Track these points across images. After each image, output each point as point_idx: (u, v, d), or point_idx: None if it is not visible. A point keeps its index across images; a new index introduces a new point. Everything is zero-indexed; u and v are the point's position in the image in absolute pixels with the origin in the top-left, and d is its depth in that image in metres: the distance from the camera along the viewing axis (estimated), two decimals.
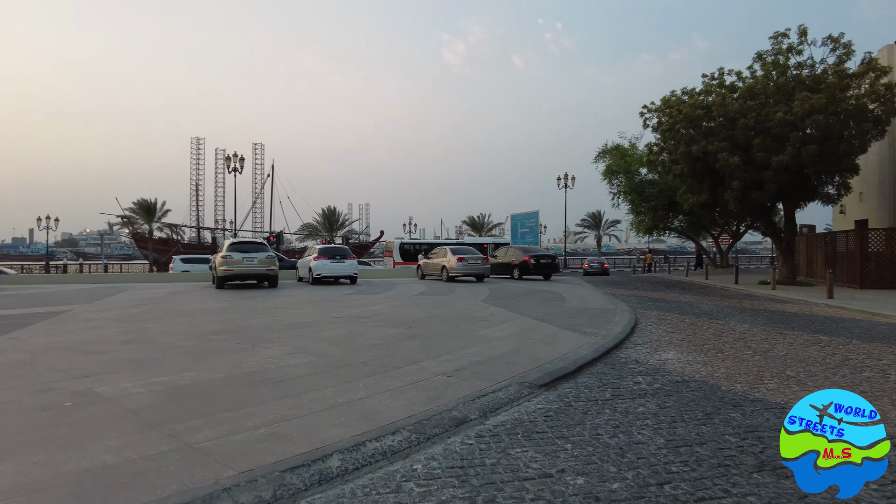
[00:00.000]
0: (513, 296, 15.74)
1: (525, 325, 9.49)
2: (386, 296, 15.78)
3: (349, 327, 9.17)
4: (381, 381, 5.38)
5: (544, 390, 5.39)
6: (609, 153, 34.82)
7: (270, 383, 5.29)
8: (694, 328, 10.05)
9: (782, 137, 17.32)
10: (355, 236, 78.70)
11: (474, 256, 23.59)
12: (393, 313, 11.33)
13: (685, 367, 6.63)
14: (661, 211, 32.58)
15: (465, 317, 10.70)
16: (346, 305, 12.93)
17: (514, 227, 42.72)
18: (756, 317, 11.74)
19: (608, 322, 10.16)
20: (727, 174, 18.25)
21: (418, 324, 9.63)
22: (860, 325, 10.44)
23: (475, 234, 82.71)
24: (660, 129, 21.55)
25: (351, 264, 22.04)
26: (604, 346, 7.52)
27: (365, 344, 7.50)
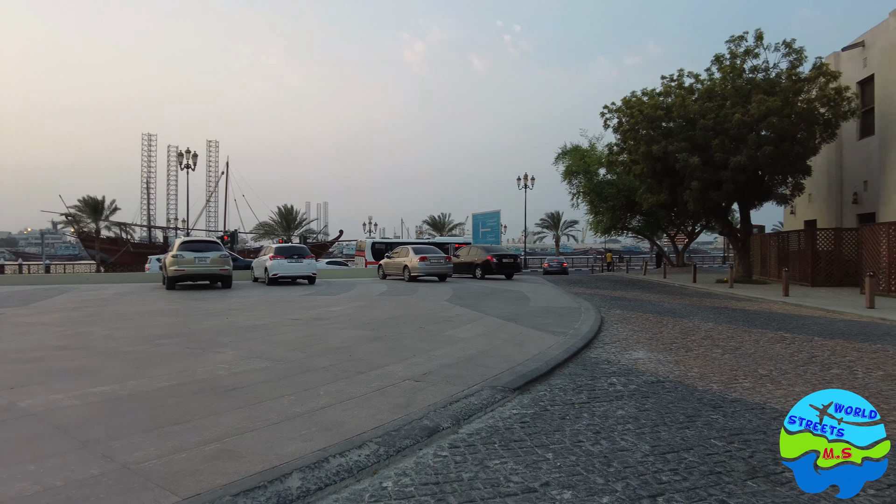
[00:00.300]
0: (477, 295, 15.51)
1: (492, 325, 9.24)
2: (346, 296, 15.31)
3: (308, 329, 8.72)
4: (344, 387, 5.00)
5: (518, 394, 5.12)
6: (569, 154, 35.13)
7: (222, 392, 4.84)
8: (660, 326, 10.01)
9: (740, 138, 17.70)
10: (313, 235, 77.23)
11: (437, 256, 23.30)
12: (354, 314, 10.90)
13: (657, 366, 6.49)
14: (619, 211, 33.04)
15: (429, 317, 10.38)
16: (304, 306, 12.41)
17: (475, 226, 42.58)
18: (719, 315, 11.84)
19: (575, 321, 10.02)
20: (687, 174, 18.54)
21: (382, 325, 9.25)
22: (818, 321, 10.63)
23: (436, 233, 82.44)
24: (620, 130, 21.75)
25: (309, 264, 21.40)
26: (574, 346, 7.33)
27: (325, 347, 7.08)
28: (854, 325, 10.15)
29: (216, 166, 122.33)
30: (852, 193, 20.59)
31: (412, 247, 24.53)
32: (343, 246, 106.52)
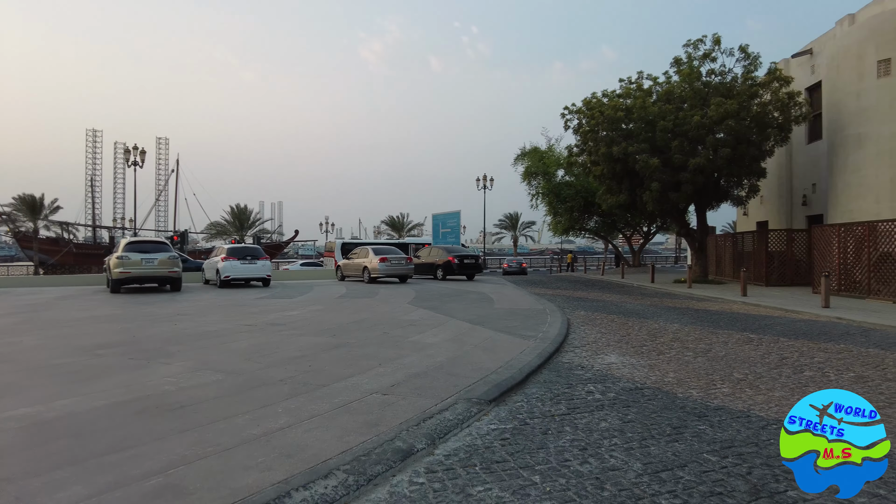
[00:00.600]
0: (440, 297, 15.17)
1: (459, 330, 8.91)
2: (303, 299, 14.70)
3: (264, 337, 8.17)
4: (305, 403, 4.56)
5: (494, 406, 4.80)
6: (528, 155, 35.24)
7: (169, 411, 4.33)
8: (626, 328, 9.90)
9: (698, 140, 17.98)
10: (267, 236, 75.15)
11: (398, 257, 22.86)
12: (313, 319, 10.38)
13: (632, 371, 6.29)
14: (577, 212, 33.33)
15: (393, 321, 9.96)
16: (259, 311, 11.79)
17: (435, 227, 42.18)
18: (683, 315, 11.86)
19: (541, 323, 9.80)
20: (646, 175, 18.71)
21: (342, 331, 8.79)
22: (779, 322, 10.75)
23: (395, 234, 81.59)
24: (581, 131, 21.82)
25: (263, 265, 20.61)
26: (546, 351, 7.07)
27: (283, 357, 6.59)
28: (814, 324, 10.30)
29: (166, 164, 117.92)
30: (802, 196, 21.26)
31: (372, 247, 24.01)
32: (298, 246, 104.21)
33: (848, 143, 16.67)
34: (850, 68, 16.67)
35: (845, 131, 16.79)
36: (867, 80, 16.16)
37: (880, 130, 15.88)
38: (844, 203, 16.82)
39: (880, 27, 15.98)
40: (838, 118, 17.12)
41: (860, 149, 16.30)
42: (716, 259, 24.50)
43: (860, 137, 16.30)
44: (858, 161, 16.35)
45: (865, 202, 16.15)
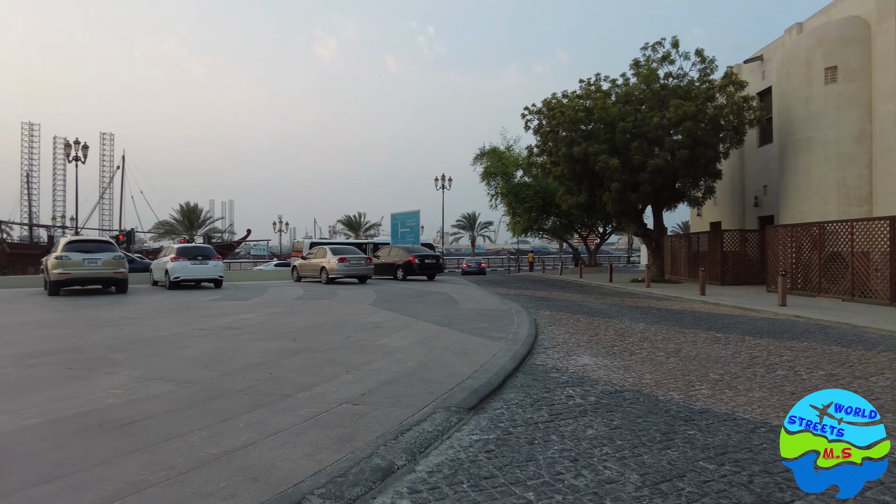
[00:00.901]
0: (402, 298, 14.81)
1: (426, 332, 8.59)
2: (259, 301, 14.07)
3: (218, 342, 7.64)
4: (268, 416, 4.15)
5: (473, 414, 4.52)
6: (487, 155, 35.22)
7: (114, 429, 3.85)
8: (594, 328, 9.81)
9: (657, 142, 18.26)
10: (218, 235, 72.79)
11: (357, 257, 22.34)
12: (270, 322, 9.86)
13: (608, 373, 6.13)
14: (536, 212, 33.53)
15: (356, 324, 9.56)
16: (212, 314, 11.15)
17: (394, 226, 41.63)
18: (646, 315, 11.90)
19: (510, 324, 9.60)
20: (606, 176, 18.86)
21: (303, 335, 8.33)
22: (741, 320, 10.89)
23: (352, 233, 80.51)
24: (541, 132, 21.85)
25: (215, 266, 19.75)
26: (519, 353, 6.85)
27: (241, 364, 6.12)
28: (775, 323, 10.47)
29: (111, 160, 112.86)
30: (753, 197, 21.92)
31: (330, 247, 23.41)
32: (250, 246, 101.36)
33: (798, 147, 17.23)
34: (799, 75, 17.23)
35: (795, 135, 17.36)
36: (815, 87, 16.74)
37: (828, 135, 16.47)
38: (795, 204, 17.37)
39: (827, 36, 16.57)
40: (789, 122, 17.68)
41: (809, 152, 16.87)
42: (671, 259, 25.04)
43: (809, 141, 16.87)
44: (808, 164, 16.91)
45: (814, 203, 16.72)
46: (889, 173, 15.15)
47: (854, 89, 16.13)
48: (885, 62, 15.28)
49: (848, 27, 16.34)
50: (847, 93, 16.20)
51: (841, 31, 16.39)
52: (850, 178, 16.13)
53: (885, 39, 15.28)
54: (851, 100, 16.15)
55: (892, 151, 15.04)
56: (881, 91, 15.40)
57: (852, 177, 16.11)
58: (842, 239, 13.83)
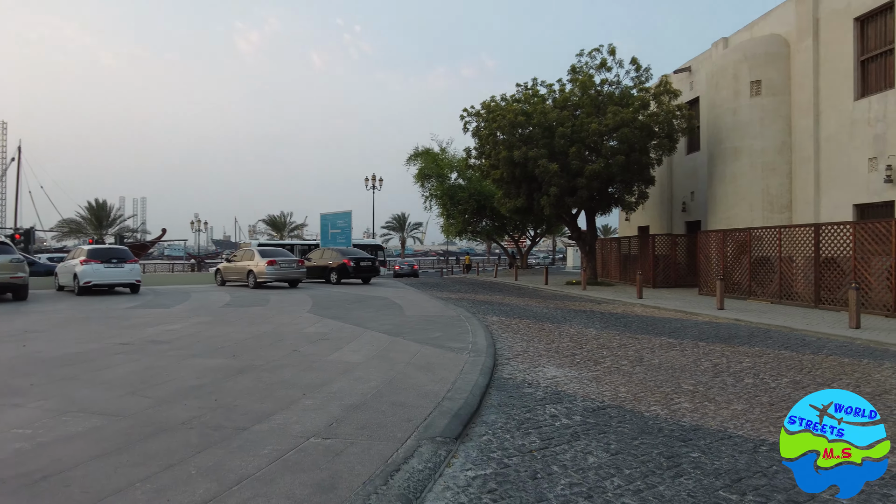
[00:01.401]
0: (342, 304, 14.07)
1: (380, 343, 8.01)
2: (184, 309, 12.89)
3: (146, 359, 6.72)
4: (225, 458, 3.48)
5: (460, 443, 4.04)
6: (421, 156, 34.73)
7: (24, 487, 3.06)
8: (547, 335, 9.59)
9: (595, 147, 18.53)
10: (131, 234, 67.86)
11: (287, 259, 21.21)
12: (202, 334, 8.92)
13: (582, 387, 5.84)
14: (470, 215, 33.46)
15: (299, 335, 8.82)
16: (133, 325, 10.00)
17: (323, 227, 40.26)
18: (593, 319, 11.86)
19: (464, 332, 9.20)
20: (545, 180, 18.92)
21: (243, 349, 7.52)
22: (687, 324, 11.04)
23: (275, 234, 77.58)
24: (480, 134, 21.66)
25: (132, 269, 18.13)
26: (486, 366, 6.44)
27: (178, 387, 5.32)
28: (719, 327, 10.68)
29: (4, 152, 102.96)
30: (682, 203, 22.80)
31: (258, 249, 22.14)
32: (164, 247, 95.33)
33: (726, 155, 18.01)
34: (727, 86, 18.02)
35: (723, 144, 18.13)
36: (742, 99, 17.55)
37: (753, 145, 17.30)
38: (723, 210, 18.14)
39: (752, 51, 17.42)
40: (717, 131, 18.45)
41: (736, 160, 17.66)
42: (601, 262, 25.64)
43: (736, 150, 17.66)
44: (735, 172, 17.71)
45: (741, 210, 17.51)
46: (806, 182, 16.09)
47: (776, 103, 17.04)
48: (803, 79, 16.23)
49: (770, 44, 17.25)
50: (770, 106, 17.09)
51: (764, 47, 17.27)
52: (773, 186, 17.02)
53: (803, 58, 16.23)
54: (774, 112, 17.05)
55: (808, 162, 15.98)
56: (800, 106, 16.34)
57: (775, 185, 17.01)
58: (770, 244, 14.50)
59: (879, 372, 6.65)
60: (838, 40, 15.21)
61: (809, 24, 15.95)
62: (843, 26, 15.11)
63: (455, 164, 33.72)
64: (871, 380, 6.23)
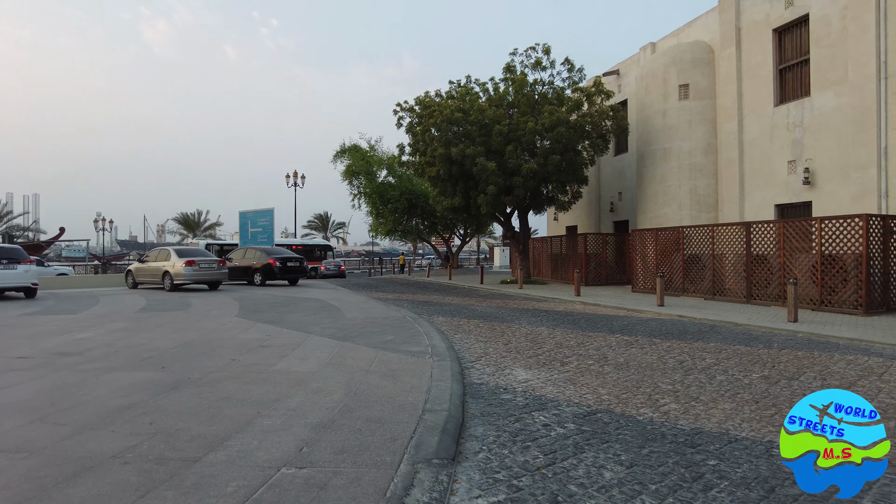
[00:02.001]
0: (272, 307, 13.07)
1: (329, 349, 7.30)
2: (94, 315, 11.47)
3: (55, 375, 5.67)
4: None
5: (457, 465, 3.51)
6: (349, 153, 33.58)
7: None
8: (500, 334, 9.22)
9: (531, 146, 18.48)
10: (22, 233, 61.52)
11: (207, 259, 19.69)
12: (120, 344, 7.81)
13: (561, 390, 5.48)
14: (400, 214, 32.78)
15: (235, 343, 7.92)
16: (33, 334, 8.66)
17: (243, 225, 38.04)
18: (541, 318, 11.64)
19: (417, 335, 8.65)
20: (482, 179, 18.67)
21: (172, 360, 6.58)
22: (634, 321, 11.03)
23: (188, 233, 73.19)
24: (415, 130, 21.12)
25: (26, 271, 16.17)
26: (455, 371, 5.95)
27: (99, 409, 4.42)
28: (665, 323, 10.75)
29: None
30: (609, 203, 23.37)
31: (174, 249, 20.41)
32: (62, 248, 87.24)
33: (655, 156, 18.55)
34: (657, 89, 18.57)
35: (653, 145, 18.67)
36: (671, 101, 18.14)
37: (681, 146, 17.92)
38: (652, 209, 18.67)
39: (681, 56, 18.05)
40: (647, 133, 18.99)
41: (665, 162, 18.23)
42: (533, 261, 25.84)
43: (665, 152, 18.23)
44: (664, 172, 18.27)
45: (670, 209, 18.09)
46: (731, 183, 16.83)
47: (702, 106, 17.74)
48: (727, 85, 16.98)
49: (697, 50, 17.95)
50: (697, 109, 17.77)
51: (692, 53, 17.94)
52: (700, 186, 17.70)
53: (727, 65, 16.97)
54: (700, 115, 17.74)
55: (733, 164, 16.73)
56: (725, 109, 17.08)
57: (702, 185, 17.69)
58: (701, 242, 14.99)
59: (835, 364, 6.78)
60: (758, 49, 16.01)
61: (732, 33, 16.69)
62: (763, 36, 15.91)
63: (385, 161, 32.95)
64: (832, 372, 6.30)
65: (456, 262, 37.50)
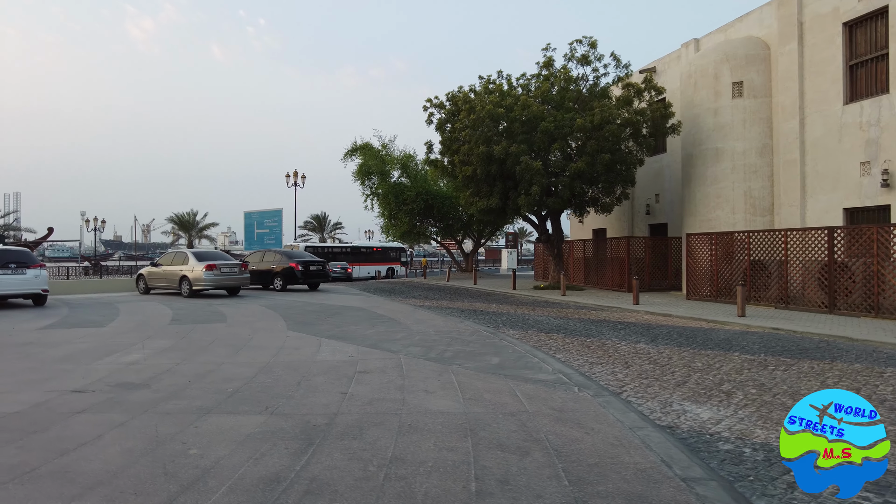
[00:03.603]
0: (319, 317, 11.92)
1: (444, 377, 6.17)
2: (122, 328, 10.25)
3: (137, 422, 4.49)
4: None
5: None
6: (362, 151, 32.25)
7: None
8: (605, 354, 8.13)
9: (579, 145, 17.40)
10: (9, 233, 59.33)
11: (229, 264, 18.47)
12: (184, 370, 6.62)
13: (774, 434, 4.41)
14: (417, 215, 31.57)
15: (321, 367, 6.77)
16: (68, 355, 7.43)
17: (248, 226, 36.84)
18: (623, 331, 10.54)
19: (521, 356, 7.57)
20: (526, 178, 17.56)
21: (267, 395, 5.42)
22: (730, 335, 9.94)
23: (183, 233, 71.31)
24: (453, 125, 19.83)
25: (37, 276, 14.99)
26: (635, 411, 4.85)
27: (240, 488, 3.27)
28: (768, 338, 9.70)
29: None
30: (645, 205, 22.40)
31: (192, 252, 19.20)
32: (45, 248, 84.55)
33: (706, 157, 17.61)
34: (706, 87, 17.62)
35: (703, 145, 17.73)
36: (723, 99, 17.21)
37: (735, 146, 17.00)
38: (703, 212, 17.72)
39: (734, 52, 17.13)
40: (696, 132, 18.03)
41: (717, 162, 17.29)
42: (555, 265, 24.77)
43: (717, 152, 17.29)
44: (716, 174, 17.33)
45: (723, 212, 17.15)
46: (791, 185, 15.92)
47: (758, 104, 16.83)
48: (787, 82, 16.06)
49: (751, 46, 17.04)
50: (752, 107, 16.86)
51: (746, 49, 17.03)
52: (755, 188, 16.78)
53: (787, 61, 16.06)
54: (755, 114, 16.83)
55: (793, 165, 15.82)
56: (784, 108, 16.17)
57: (757, 187, 16.78)
58: (771, 247, 14.05)
59: None
60: (825, 44, 15.11)
61: (794, 27, 15.79)
62: (830, 31, 15.01)
63: (399, 160, 31.75)
64: None
65: (470, 266, 36.37)
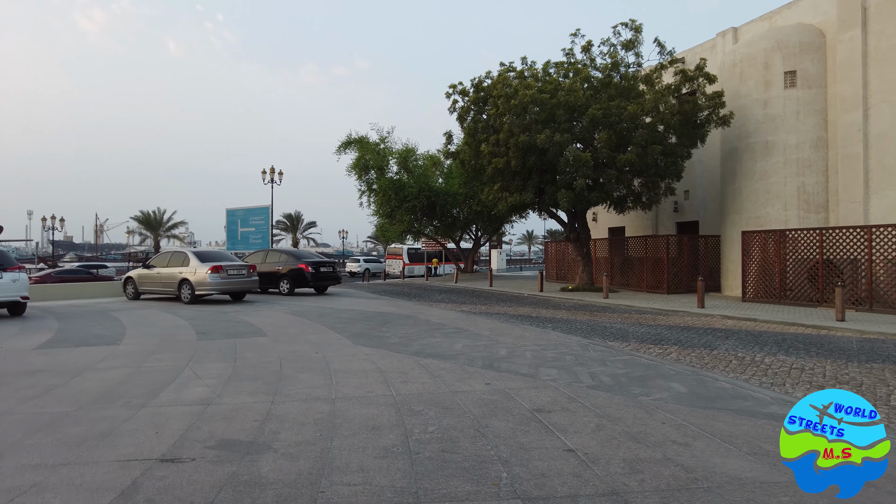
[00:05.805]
0: (368, 325, 10.30)
1: (671, 420, 4.74)
2: (143, 347, 8.47)
3: None
4: None
5: None
6: (358, 144, 30.27)
7: None
8: (756, 368, 6.84)
9: (627, 134, 16.11)
10: None
11: (236, 265, 16.56)
12: (298, 415, 5.07)
13: None
14: (421, 213, 29.82)
15: (467, 401, 5.26)
16: (105, 393, 5.75)
17: (230, 224, 34.46)
18: (730, 340, 9.21)
19: (701, 380, 6.17)
20: (570, 171, 16.19)
21: (484, 462, 3.91)
22: (847, 343, 8.78)
23: (149, 233, 67.64)
24: (490, 113, 18.14)
25: (15, 280, 12.99)
26: None
27: None
28: (876, 343, 8.62)
29: None
30: (672, 202, 21.36)
31: (193, 252, 17.16)
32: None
33: (754, 150, 16.62)
34: (755, 77, 16.64)
35: (750, 138, 16.74)
36: (774, 90, 16.25)
37: (787, 139, 16.06)
38: (750, 209, 16.74)
39: (786, 40, 16.18)
40: (743, 124, 17.02)
41: (768, 156, 16.33)
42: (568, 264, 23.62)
43: (767, 145, 16.33)
44: (766, 168, 16.36)
45: (774, 209, 16.20)
46: (852, 180, 15.05)
47: (812, 95, 15.93)
48: (848, 71, 15.18)
49: (805, 34, 16.13)
50: (806, 98, 15.94)
51: (799, 36, 16.11)
52: (809, 184, 15.88)
53: (848, 48, 15.18)
54: (809, 106, 15.92)
55: (855, 159, 14.94)
56: (844, 99, 15.28)
57: (811, 183, 15.88)
58: (849, 246, 13.11)
59: None
60: (894, 31, 14.25)
61: (856, 13, 14.90)
62: None
63: (398, 154, 29.98)
64: None
65: (471, 266, 34.89)
